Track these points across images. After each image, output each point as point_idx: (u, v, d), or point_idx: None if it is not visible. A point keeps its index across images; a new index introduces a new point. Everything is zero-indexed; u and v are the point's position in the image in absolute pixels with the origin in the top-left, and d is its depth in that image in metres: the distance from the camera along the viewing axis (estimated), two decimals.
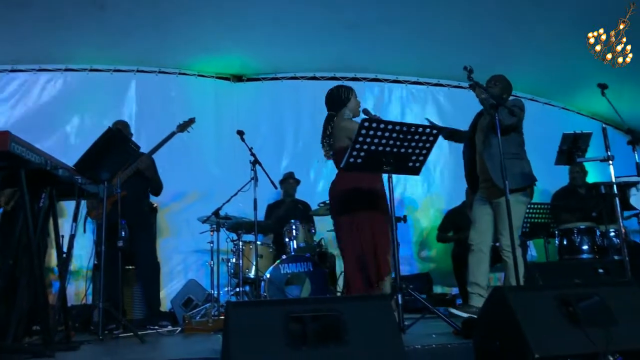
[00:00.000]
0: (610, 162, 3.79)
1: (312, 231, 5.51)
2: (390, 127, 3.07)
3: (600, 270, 3.90)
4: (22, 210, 2.65)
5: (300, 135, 6.75)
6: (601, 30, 5.10)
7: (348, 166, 3.22)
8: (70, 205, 3.40)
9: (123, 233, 4.05)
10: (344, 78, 6.77)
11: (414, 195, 6.88)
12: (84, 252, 4.72)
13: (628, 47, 5.10)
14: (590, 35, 5.12)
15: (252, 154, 4.69)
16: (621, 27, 5.06)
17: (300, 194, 6.15)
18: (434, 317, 3.23)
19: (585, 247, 5.02)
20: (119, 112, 6.11)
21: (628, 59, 5.14)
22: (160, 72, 6.46)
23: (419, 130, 3.15)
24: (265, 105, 6.77)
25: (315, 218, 5.87)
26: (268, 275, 4.91)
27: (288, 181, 6.02)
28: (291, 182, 6.04)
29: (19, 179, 2.61)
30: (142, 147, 4.75)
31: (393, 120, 3.15)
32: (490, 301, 2.39)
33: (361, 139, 3.08)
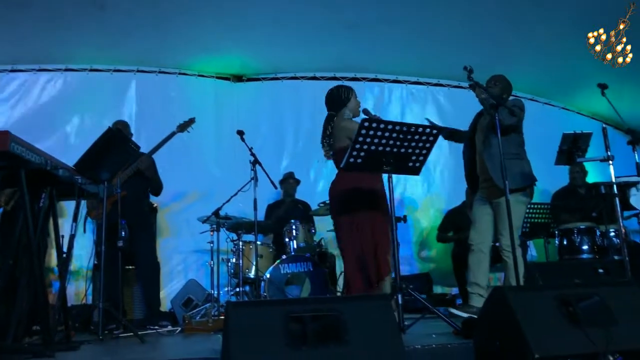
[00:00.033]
0: (610, 162, 3.78)
1: (312, 231, 5.51)
2: (390, 127, 3.07)
3: (600, 270, 3.90)
4: (22, 210, 2.65)
5: (300, 135, 6.75)
6: (601, 30, 5.10)
7: (348, 166, 3.22)
8: (70, 205, 3.40)
9: (123, 233, 4.05)
10: (344, 78, 6.77)
11: (414, 195, 6.88)
12: (84, 252, 4.72)
13: (628, 47, 5.09)
14: (590, 35, 5.12)
15: (252, 154, 4.69)
16: (621, 27, 5.05)
17: (300, 194, 6.15)
18: (434, 317, 3.23)
19: (585, 247, 5.03)
20: (119, 112, 6.11)
21: (628, 59, 5.14)
22: (160, 72, 6.46)
23: (419, 130, 3.15)
24: (265, 105, 6.77)
25: (315, 218, 5.87)
26: (268, 275, 4.91)
27: (288, 181, 6.02)
28: (291, 182, 6.04)
29: (19, 179, 2.61)
30: (142, 147, 4.75)
31: (393, 120, 3.15)
32: (490, 301, 2.39)
33: (361, 139, 3.08)
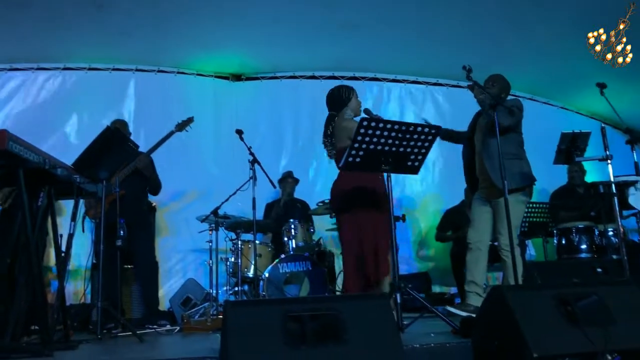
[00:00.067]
0: (608, 161, 3.79)
1: (311, 230, 5.52)
2: (389, 126, 3.07)
3: (599, 270, 3.91)
4: (20, 209, 2.65)
5: (299, 135, 6.75)
6: (601, 30, 5.10)
7: (347, 165, 3.22)
8: (69, 204, 3.40)
9: (122, 232, 4.04)
10: (343, 77, 6.77)
11: (413, 194, 6.88)
12: (83, 251, 4.72)
13: (628, 47, 5.09)
14: (590, 35, 5.12)
15: (251, 153, 4.69)
16: (621, 27, 5.05)
17: (299, 193, 6.15)
18: (432, 316, 3.23)
19: (583, 247, 5.03)
20: (118, 111, 6.11)
21: (628, 59, 5.14)
22: (159, 71, 6.45)
23: (418, 129, 3.15)
24: (264, 104, 6.76)
25: (314, 217, 5.87)
26: (267, 275, 4.91)
27: (287, 180, 6.02)
28: (290, 181, 6.04)
29: (17, 178, 2.60)
30: (140, 146, 4.76)
31: (392, 120, 3.15)
32: (489, 300, 2.39)
33: (360, 138, 3.08)
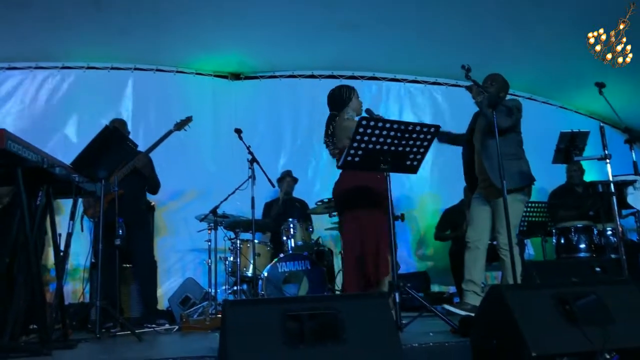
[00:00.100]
0: (607, 160, 3.79)
1: (310, 230, 5.51)
2: (388, 125, 3.07)
3: (598, 269, 3.91)
4: (19, 208, 2.65)
5: (298, 134, 6.75)
6: (601, 30, 5.10)
7: (346, 164, 3.21)
8: (68, 203, 3.39)
9: (120, 231, 4.04)
10: (342, 76, 6.77)
11: (412, 193, 6.88)
12: (81, 250, 4.71)
13: (628, 47, 5.10)
14: (590, 35, 5.12)
15: (250, 152, 4.69)
16: (621, 27, 5.06)
17: (298, 192, 6.15)
18: (431, 315, 3.23)
19: (582, 246, 5.04)
20: (116, 110, 6.10)
21: (628, 59, 5.14)
22: (157, 70, 6.44)
23: (417, 128, 3.14)
24: (263, 103, 6.76)
25: (312, 216, 5.87)
26: (266, 274, 4.91)
27: (286, 179, 6.02)
28: (289, 181, 6.03)
29: (16, 177, 2.60)
30: (139, 145, 4.75)
31: (391, 119, 3.15)
32: (488, 300, 2.39)
33: (359, 137, 3.08)
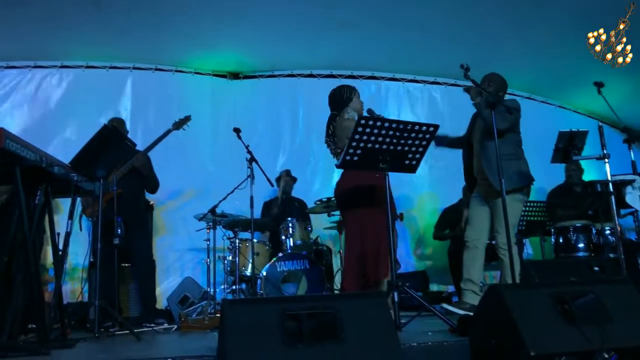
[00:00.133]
0: (606, 160, 3.79)
1: (309, 229, 5.51)
2: (386, 124, 3.07)
3: (596, 268, 3.90)
4: (17, 208, 2.64)
5: (296, 133, 6.75)
6: (601, 30, 5.10)
7: (344, 164, 3.21)
8: (66, 202, 3.39)
9: (119, 230, 4.03)
10: (341, 76, 6.77)
11: (410, 193, 6.88)
12: (80, 249, 4.71)
13: (628, 47, 5.10)
14: (590, 35, 5.12)
15: (249, 152, 4.68)
16: (621, 27, 5.06)
17: (296, 191, 6.15)
18: (430, 314, 3.23)
19: (581, 245, 5.04)
20: (115, 109, 6.09)
21: (628, 59, 5.14)
22: (156, 69, 6.44)
23: (416, 128, 3.14)
24: (262, 102, 6.76)
25: (311, 216, 5.87)
26: (264, 273, 4.91)
27: (284, 179, 6.02)
28: (287, 180, 6.03)
29: (14, 176, 2.59)
30: (138, 145, 4.74)
31: (389, 118, 3.15)
32: (486, 299, 2.40)
33: (357, 136, 3.08)
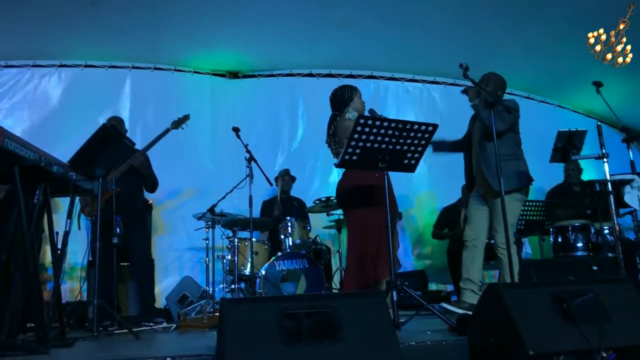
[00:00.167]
0: (604, 159, 3.79)
1: (308, 228, 5.51)
2: (385, 124, 3.07)
3: (595, 268, 3.91)
4: (16, 207, 2.64)
5: (296, 132, 6.75)
6: (601, 30, 5.10)
7: (343, 163, 3.21)
8: (65, 201, 3.38)
9: (118, 230, 4.03)
10: (340, 75, 6.77)
11: (409, 192, 6.88)
12: (79, 248, 4.71)
13: (628, 47, 5.10)
14: (590, 35, 5.12)
15: (248, 151, 4.68)
16: (621, 27, 5.06)
17: (295, 190, 6.15)
18: (428, 314, 3.24)
19: (579, 245, 5.05)
20: (114, 108, 6.08)
21: (628, 59, 5.15)
22: (155, 68, 6.43)
23: (415, 127, 3.14)
24: (261, 102, 6.76)
25: (310, 215, 5.87)
26: (263, 272, 4.90)
27: (283, 178, 6.02)
28: (286, 179, 6.03)
29: (13, 175, 2.59)
30: (137, 144, 4.74)
31: (388, 117, 3.15)
32: (485, 298, 2.40)
33: (356, 136, 3.08)
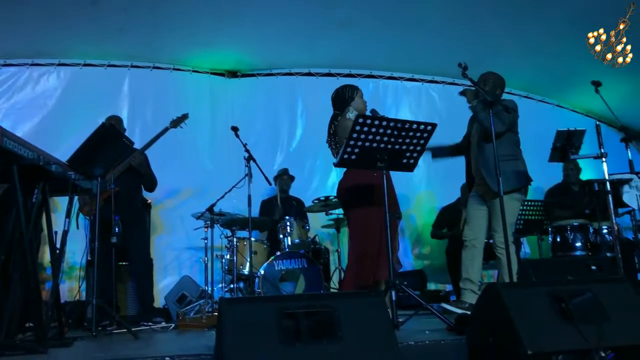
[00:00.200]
0: (603, 159, 3.79)
1: (307, 228, 5.51)
2: (384, 123, 3.07)
3: (593, 267, 3.91)
4: (14, 206, 2.64)
5: (295, 132, 6.75)
6: (601, 30, 5.10)
7: (342, 162, 3.21)
8: (63, 200, 3.38)
9: (116, 229, 4.03)
10: (339, 74, 6.77)
11: (408, 192, 6.88)
12: (78, 248, 4.70)
13: (628, 47, 5.10)
14: (590, 35, 5.12)
15: (247, 150, 4.68)
16: (621, 27, 5.06)
17: (294, 190, 6.14)
18: (427, 313, 3.24)
19: (578, 244, 5.06)
20: (113, 107, 6.06)
21: (628, 59, 5.15)
22: (154, 67, 6.42)
23: (414, 127, 3.15)
24: (260, 101, 6.75)
25: (309, 214, 5.87)
26: (262, 272, 4.90)
27: (282, 177, 6.01)
28: (285, 179, 6.03)
29: (12, 174, 2.59)
30: (135, 143, 4.73)
31: (387, 117, 3.15)
32: (484, 298, 2.40)
33: (355, 135, 3.08)
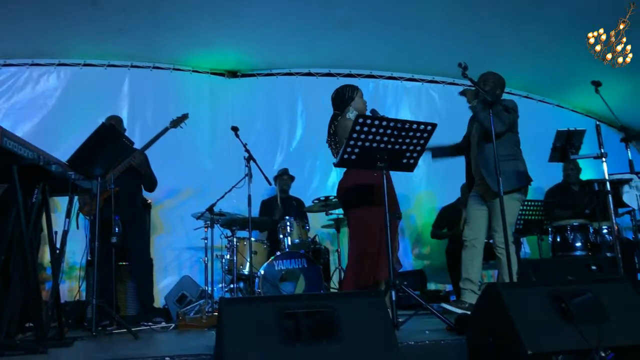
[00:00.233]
0: (603, 159, 3.79)
1: (307, 228, 5.51)
2: (384, 123, 3.07)
3: (593, 267, 3.91)
4: (14, 206, 2.64)
5: (295, 132, 6.75)
6: (601, 30, 5.10)
7: (342, 162, 3.21)
8: (63, 200, 3.38)
9: (116, 229, 4.03)
10: (339, 74, 6.76)
11: (408, 192, 6.88)
12: (78, 248, 4.70)
13: (628, 47, 5.10)
14: (590, 35, 5.12)
15: (247, 150, 4.68)
16: (621, 27, 5.06)
17: (294, 190, 6.14)
18: (427, 313, 3.24)
19: (578, 244, 5.06)
20: (113, 107, 6.06)
21: (628, 59, 5.15)
22: (154, 67, 6.42)
23: (413, 127, 3.15)
24: (260, 101, 6.75)
25: (309, 214, 5.87)
26: (262, 272, 4.90)
27: (282, 177, 6.01)
28: (285, 179, 6.03)
29: (12, 174, 2.59)
30: (135, 143, 4.73)
31: (387, 117, 3.15)
32: (484, 298, 2.40)
33: (355, 135, 3.08)
